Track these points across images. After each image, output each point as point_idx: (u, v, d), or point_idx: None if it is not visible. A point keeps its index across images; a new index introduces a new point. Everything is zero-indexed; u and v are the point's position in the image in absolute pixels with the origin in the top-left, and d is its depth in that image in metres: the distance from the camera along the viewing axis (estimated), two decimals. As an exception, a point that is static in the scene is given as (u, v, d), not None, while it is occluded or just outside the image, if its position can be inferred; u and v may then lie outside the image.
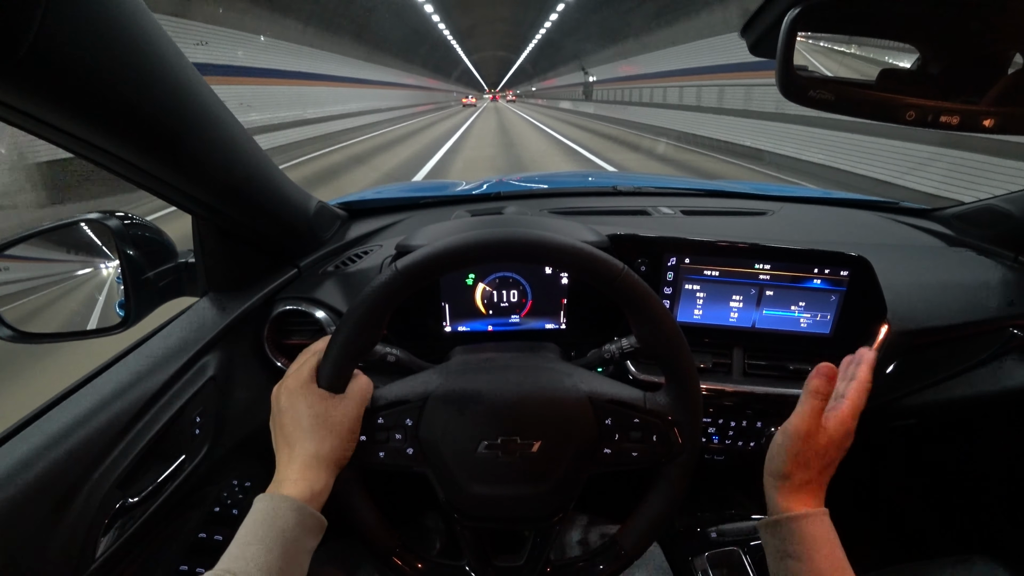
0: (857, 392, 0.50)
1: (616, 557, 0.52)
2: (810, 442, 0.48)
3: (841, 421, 0.48)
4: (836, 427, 0.48)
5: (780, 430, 0.50)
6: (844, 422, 0.48)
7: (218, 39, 8.80)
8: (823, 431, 0.48)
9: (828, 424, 0.48)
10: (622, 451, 0.51)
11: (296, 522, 0.42)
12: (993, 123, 0.42)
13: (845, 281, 0.72)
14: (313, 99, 13.30)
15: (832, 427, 0.48)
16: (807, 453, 0.48)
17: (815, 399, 0.49)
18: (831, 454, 0.48)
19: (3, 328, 0.57)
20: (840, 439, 0.48)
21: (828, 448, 0.48)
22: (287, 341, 0.75)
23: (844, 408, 0.49)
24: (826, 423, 0.48)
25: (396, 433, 0.50)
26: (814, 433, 0.48)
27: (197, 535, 0.64)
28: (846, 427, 0.48)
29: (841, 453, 0.49)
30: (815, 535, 0.46)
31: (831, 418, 0.48)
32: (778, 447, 0.49)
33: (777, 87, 0.46)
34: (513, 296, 0.77)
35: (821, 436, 0.48)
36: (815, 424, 0.48)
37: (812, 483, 0.48)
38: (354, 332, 0.48)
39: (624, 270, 0.48)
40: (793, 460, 0.48)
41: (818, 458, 0.48)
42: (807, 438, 0.48)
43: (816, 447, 0.48)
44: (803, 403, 0.50)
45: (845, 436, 0.48)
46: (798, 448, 0.48)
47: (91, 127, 0.41)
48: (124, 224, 0.61)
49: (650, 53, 15.67)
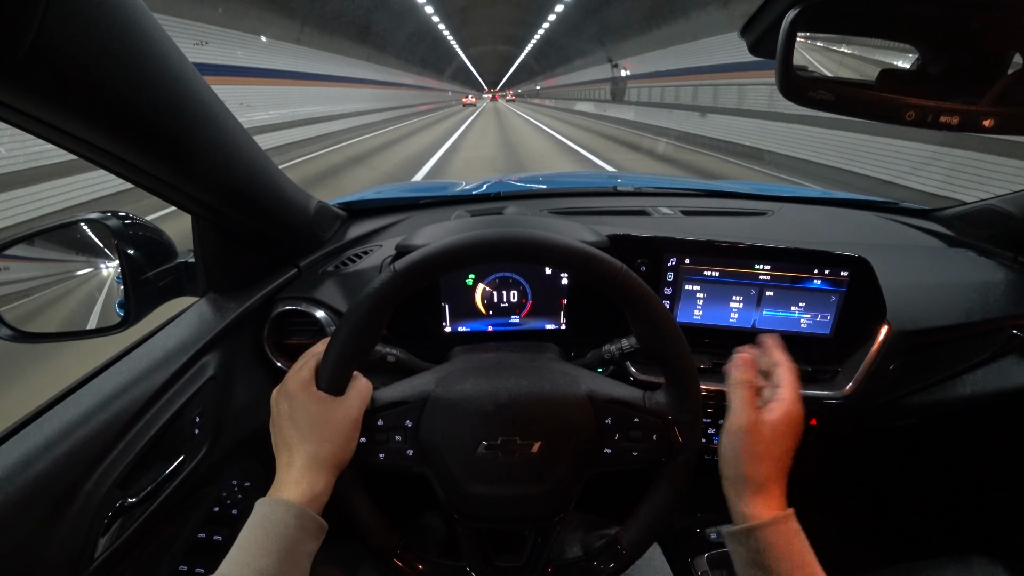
0: (788, 374, 0.49)
1: (616, 557, 0.52)
2: (755, 436, 0.47)
3: (785, 409, 0.47)
4: (781, 416, 0.47)
5: (723, 433, 0.49)
6: (789, 408, 0.47)
7: (216, 39, 8.81)
8: (765, 423, 0.47)
9: (770, 415, 0.47)
10: (622, 451, 0.51)
11: (296, 526, 0.42)
12: (993, 123, 0.42)
13: (845, 281, 0.72)
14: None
15: (776, 417, 0.47)
16: (756, 448, 0.47)
17: (743, 390, 0.48)
18: (782, 444, 0.47)
19: (3, 328, 0.57)
20: (787, 427, 0.47)
21: (776, 439, 0.47)
22: (287, 341, 0.75)
23: (783, 393, 0.48)
24: (768, 415, 0.47)
25: (396, 434, 0.50)
26: (756, 425, 0.47)
27: (197, 535, 0.64)
28: (792, 413, 0.47)
29: (793, 441, 0.48)
30: (781, 543, 0.44)
31: (773, 409, 0.47)
32: (726, 449, 0.48)
33: (777, 87, 0.46)
34: (513, 296, 0.77)
35: (764, 428, 0.47)
36: (754, 416, 0.47)
37: (771, 481, 0.47)
38: (353, 334, 0.48)
39: (623, 270, 0.48)
40: (745, 459, 0.47)
41: (769, 451, 0.47)
42: (750, 432, 0.47)
43: (763, 439, 0.47)
44: (733, 398, 0.49)
45: (793, 423, 0.47)
46: (745, 445, 0.47)
47: (91, 127, 0.41)
48: (124, 224, 0.61)
49: (709, 38, 10.68)
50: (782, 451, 0.47)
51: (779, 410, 0.47)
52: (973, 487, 1.05)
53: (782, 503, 0.47)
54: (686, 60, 12.43)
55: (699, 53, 11.51)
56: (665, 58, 14.10)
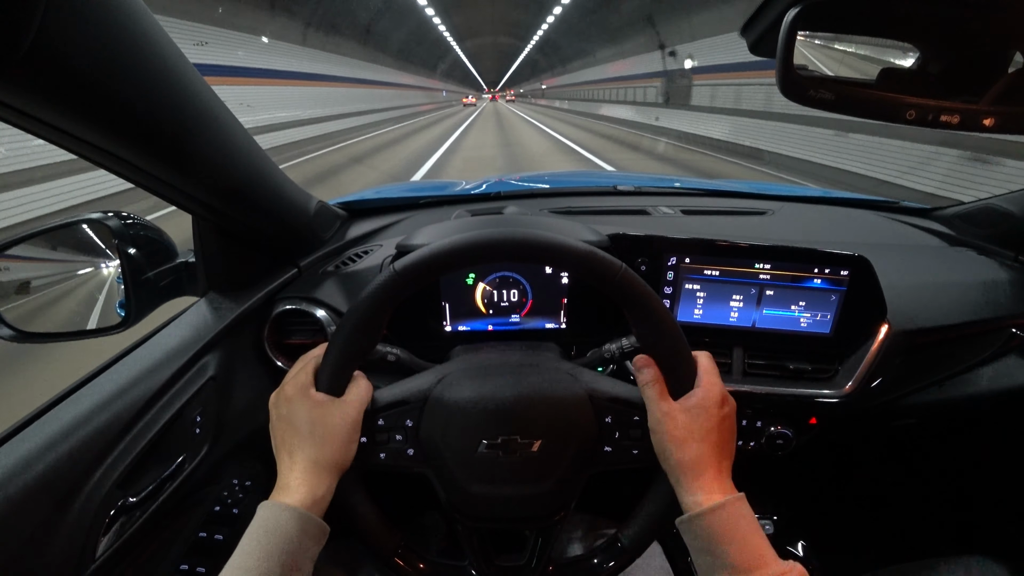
0: (704, 360, 0.50)
1: (617, 555, 0.52)
2: (671, 422, 0.47)
3: (701, 392, 0.48)
4: (698, 399, 0.48)
5: (651, 430, 0.49)
6: (705, 390, 0.48)
7: (216, 39, 8.82)
8: (680, 408, 0.48)
9: (694, 400, 0.48)
10: (622, 449, 0.51)
11: (298, 530, 0.42)
12: (993, 122, 0.42)
13: (845, 281, 0.72)
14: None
15: (698, 399, 0.48)
16: (676, 433, 0.47)
17: (650, 388, 0.49)
18: (703, 424, 0.47)
19: (4, 328, 0.57)
20: (706, 407, 0.48)
21: (695, 419, 0.47)
22: (287, 341, 0.75)
23: (699, 379, 0.49)
24: (692, 401, 0.48)
25: (396, 434, 0.50)
26: (671, 413, 0.47)
27: (197, 535, 0.64)
28: (708, 395, 0.48)
29: (728, 422, 0.48)
30: (726, 528, 0.44)
31: (690, 395, 0.48)
32: (655, 445, 0.49)
33: (777, 87, 0.46)
34: (513, 296, 0.77)
35: (679, 413, 0.47)
36: (665, 406, 0.48)
37: (705, 464, 0.46)
38: (352, 335, 0.48)
39: (623, 269, 0.47)
40: (670, 447, 0.47)
41: (690, 433, 0.47)
42: (666, 420, 0.47)
43: (680, 423, 0.47)
44: (645, 399, 0.50)
45: (711, 402, 0.48)
46: (666, 433, 0.47)
47: (91, 127, 0.41)
48: (124, 224, 0.61)
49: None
50: (705, 430, 0.47)
51: (698, 393, 0.48)
52: (973, 487, 1.05)
53: (725, 487, 0.46)
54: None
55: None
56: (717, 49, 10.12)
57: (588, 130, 14.97)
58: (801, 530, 1.07)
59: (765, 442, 0.77)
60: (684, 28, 12.71)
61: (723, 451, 0.48)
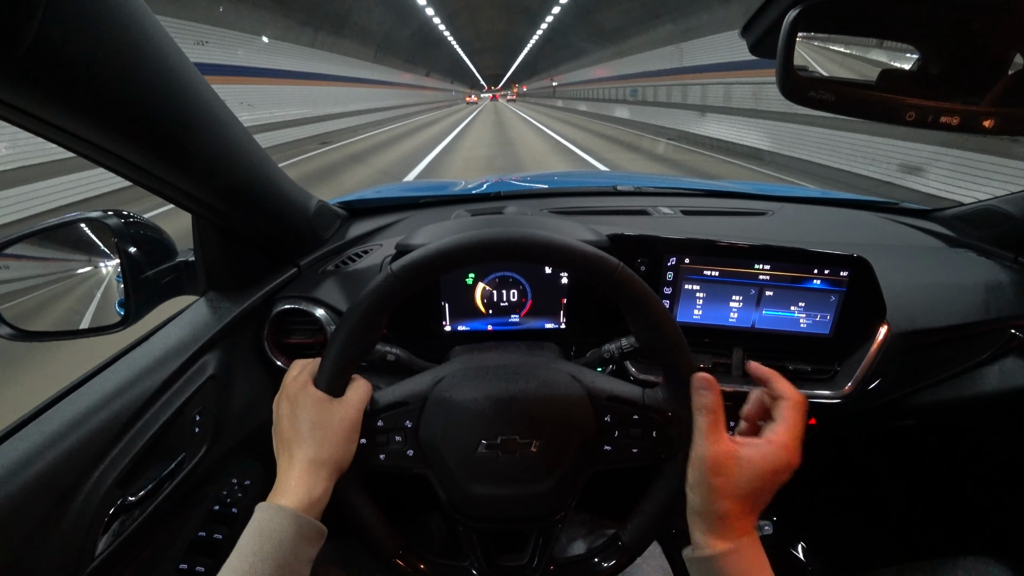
0: (794, 412, 0.43)
1: (617, 555, 0.52)
2: (720, 470, 0.42)
3: (773, 450, 0.42)
4: (763, 456, 0.42)
5: (689, 462, 0.44)
6: (777, 450, 0.42)
7: (215, 39, 8.83)
8: (738, 458, 0.42)
9: (749, 451, 0.42)
10: (622, 448, 0.51)
11: (294, 532, 0.42)
12: (993, 124, 0.42)
13: (845, 281, 0.72)
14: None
15: (757, 454, 0.42)
16: (719, 484, 0.42)
17: (705, 416, 0.44)
18: (756, 486, 0.42)
19: (3, 327, 0.57)
20: (769, 470, 0.41)
21: (750, 479, 0.42)
22: (287, 340, 0.75)
23: (779, 433, 0.43)
24: (746, 450, 0.42)
25: (396, 435, 0.50)
26: (724, 459, 0.42)
27: (197, 534, 0.64)
28: (780, 457, 0.42)
29: (773, 486, 0.42)
30: (739, 572, 0.41)
31: (757, 445, 0.42)
32: (690, 479, 0.44)
33: (777, 87, 0.46)
34: (513, 296, 0.77)
35: (735, 464, 0.42)
36: (720, 448, 0.42)
37: (736, 518, 0.42)
38: (352, 335, 0.48)
39: (619, 267, 0.47)
40: (707, 494, 0.42)
41: (737, 490, 0.42)
42: (716, 466, 0.42)
43: (731, 476, 0.42)
44: (695, 425, 0.45)
45: (778, 468, 0.42)
46: (708, 479, 0.42)
47: (92, 126, 0.41)
48: (124, 223, 0.61)
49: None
50: (754, 492, 0.42)
51: (764, 449, 0.42)
52: (973, 487, 1.05)
53: (744, 531, 0.43)
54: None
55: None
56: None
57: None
58: (801, 531, 1.07)
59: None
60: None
61: (761, 507, 0.43)
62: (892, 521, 1.14)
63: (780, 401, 0.45)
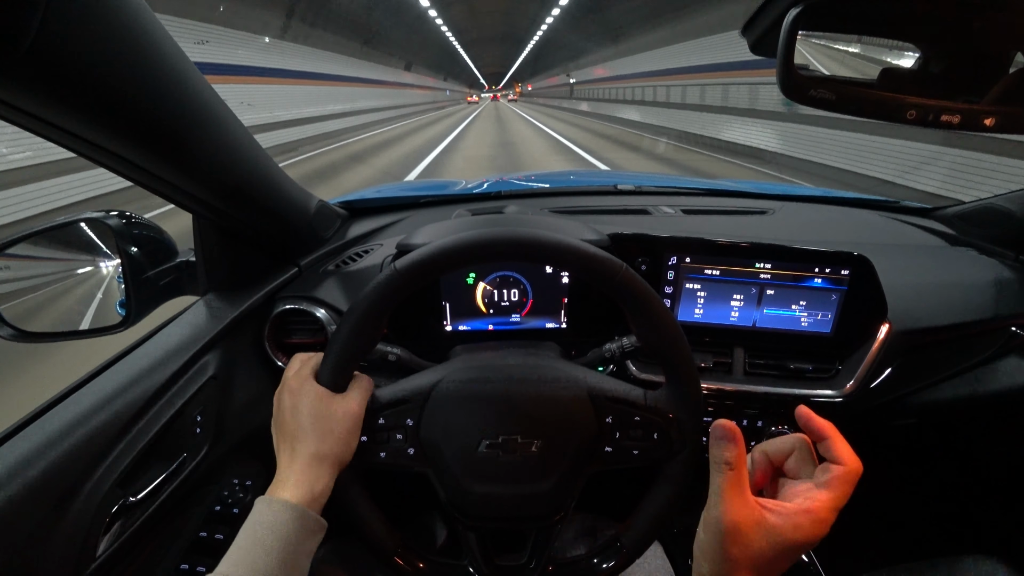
0: (849, 484, 0.37)
1: (617, 555, 0.52)
2: (738, 537, 0.35)
3: (813, 524, 0.35)
4: (802, 529, 0.35)
5: (702, 522, 0.38)
6: (817, 526, 0.35)
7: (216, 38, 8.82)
8: (765, 529, 0.35)
9: (784, 524, 0.35)
10: (623, 449, 0.51)
11: (296, 525, 0.42)
12: (994, 122, 0.42)
13: (846, 280, 0.72)
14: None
15: (792, 527, 0.35)
16: (742, 560, 0.35)
17: (727, 473, 0.37)
18: (784, 561, 0.36)
19: (4, 327, 0.57)
20: (804, 544, 0.35)
21: (778, 556, 0.35)
22: (288, 340, 0.75)
23: (822, 505, 0.36)
24: (781, 522, 0.35)
25: (397, 433, 0.50)
26: (744, 525, 0.35)
27: (198, 534, 0.64)
28: (818, 532, 0.35)
29: (797, 558, 0.36)
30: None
31: (794, 516, 0.36)
32: (699, 541, 0.38)
33: (778, 86, 0.46)
34: (514, 295, 0.77)
35: (758, 536, 0.35)
36: (741, 511, 0.36)
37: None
38: (354, 332, 0.48)
39: (623, 268, 0.47)
40: (719, 561, 0.36)
41: (754, 562, 0.35)
42: (733, 531, 0.35)
43: (750, 546, 0.35)
44: (715, 479, 0.37)
45: (811, 542, 0.35)
46: (722, 545, 0.35)
47: (92, 126, 0.41)
48: (124, 223, 0.61)
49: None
50: (770, 564, 0.35)
51: (798, 520, 0.35)
52: (973, 487, 1.05)
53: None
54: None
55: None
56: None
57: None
58: None
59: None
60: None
61: (784, 567, 0.37)
62: (892, 521, 1.14)
63: (832, 467, 0.37)
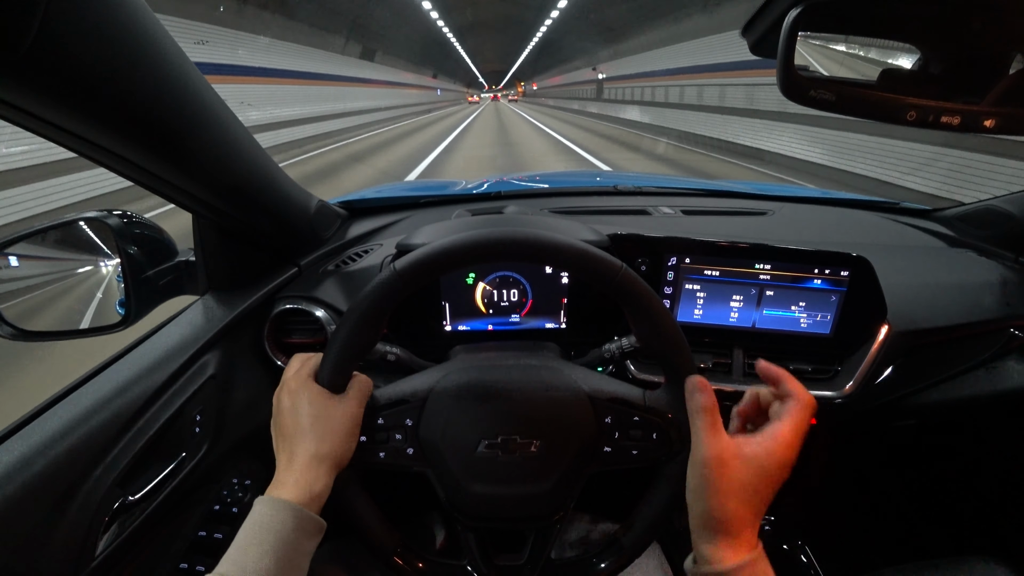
0: (805, 412, 0.42)
1: (617, 555, 0.52)
2: (722, 469, 0.41)
3: (774, 446, 0.41)
4: (765, 451, 0.41)
5: (689, 466, 0.43)
6: (778, 446, 0.41)
7: (215, 38, 8.81)
8: (739, 456, 0.41)
9: (750, 448, 0.42)
10: (622, 449, 0.51)
11: (294, 526, 0.42)
12: (994, 123, 0.42)
13: (845, 281, 0.72)
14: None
15: (759, 451, 0.41)
16: (721, 484, 0.41)
17: (702, 417, 0.43)
18: (757, 484, 0.41)
19: (4, 326, 0.57)
20: (778, 467, 0.41)
21: (751, 476, 0.41)
22: (288, 340, 0.75)
23: (782, 429, 0.42)
24: (747, 447, 0.42)
25: (396, 433, 0.50)
26: (724, 457, 0.41)
27: (197, 533, 0.64)
28: (782, 453, 0.41)
29: (778, 484, 0.41)
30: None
31: (758, 442, 0.42)
32: (689, 481, 0.43)
33: (778, 87, 0.46)
34: (513, 295, 0.77)
35: (736, 462, 0.41)
36: (720, 446, 0.42)
37: (740, 523, 0.41)
38: (354, 331, 0.48)
39: (623, 268, 0.47)
40: (709, 495, 0.41)
41: (739, 489, 0.41)
42: (717, 465, 0.41)
43: (733, 475, 0.41)
44: (692, 427, 0.44)
45: (779, 464, 0.41)
46: (709, 478, 0.41)
47: (92, 125, 0.41)
48: (124, 222, 0.61)
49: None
50: (757, 493, 0.41)
51: (768, 445, 0.41)
52: (973, 487, 1.05)
53: (752, 541, 0.41)
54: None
55: None
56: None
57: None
58: (800, 530, 1.07)
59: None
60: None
61: (764, 508, 0.42)
62: (892, 521, 1.14)
63: (789, 400, 0.44)
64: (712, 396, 0.45)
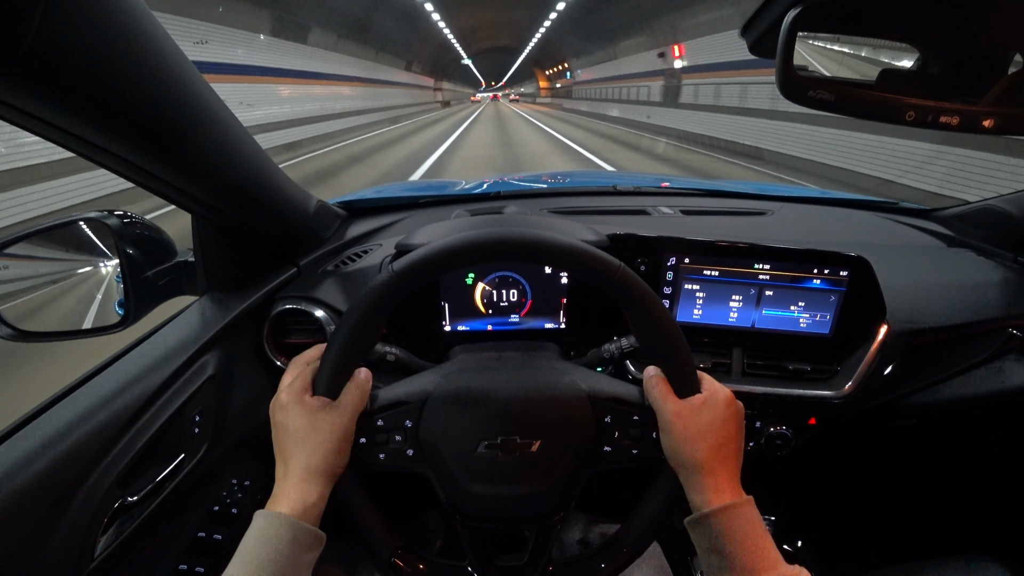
0: (705, 376, 0.52)
1: (617, 555, 0.52)
2: (682, 420, 0.48)
3: (707, 396, 0.49)
4: (703, 400, 0.48)
5: (661, 436, 0.50)
6: (710, 395, 0.49)
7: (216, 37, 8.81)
8: (692, 405, 0.48)
9: (693, 403, 0.48)
10: (622, 449, 0.51)
11: (289, 539, 0.42)
12: (993, 123, 0.42)
13: (845, 281, 0.72)
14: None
15: (699, 402, 0.48)
16: (687, 432, 0.47)
17: (657, 389, 0.50)
18: (713, 426, 0.48)
19: (3, 327, 0.57)
20: (725, 405, 0.49)
21: (706, 421, 0.48)
22: (287, 340, 0.75)
23: (705, 385, 0.50)
24: (691, 403, 0.48)
25: (396, 434, 0.50)
26: (680, 412, 0.48)
27: (197, 534, 0.64)
28: (717, 399, 0.49)
29: (737, 432, 0.49)
30: (735, 528, 0.44)
31: (695, 399, 0.49)
32: (665, 442, 0.49)
33: (777, 87, 0.46)
34: (513, 295, 0.77)
35: (689, 412, 0.48)
36: (675, 406, 0.48)
37: (716, 465, 0.47)
38: (351, 335, 0.48)
39: (621, 268, 0.48)
40: (681, 445, 0.47)
41: (701, 433, 0.47)
42: (677, 419, 0.48)
43: (692, 423, 0.47)
44: (651, 397, 0.50)
45: (719, 405, 0.48)
46: (676, 431, 0.47)
47: (91, 126, 0.41)
48: (123, 223, 0.61)
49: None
50: (714, 428, 0.48)
51: (702, 396, 0.49)
52: (973, 487, 1.05)
53: (736, 490, 0.47)
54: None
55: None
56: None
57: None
58: (801, 530, 1.07)
59: (764, 442, 0.77)
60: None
61: (733, 451, 0.48)
62: (892, 521, 1.14)
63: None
64: (663, 375, 0.51)
